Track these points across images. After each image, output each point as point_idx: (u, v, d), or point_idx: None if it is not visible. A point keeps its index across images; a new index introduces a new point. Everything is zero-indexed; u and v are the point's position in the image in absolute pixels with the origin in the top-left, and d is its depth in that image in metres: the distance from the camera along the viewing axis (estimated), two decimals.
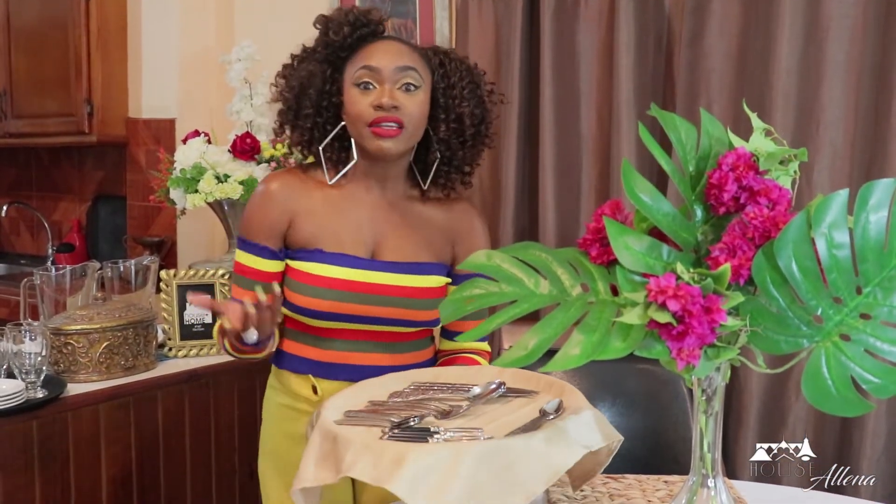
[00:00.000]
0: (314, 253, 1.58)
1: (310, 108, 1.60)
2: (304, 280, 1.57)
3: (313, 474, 1.20)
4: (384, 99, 1.52)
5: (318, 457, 1.20)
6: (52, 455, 1.90)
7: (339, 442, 1.18)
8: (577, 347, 1.01)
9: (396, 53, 1.56)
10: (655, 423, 1.96)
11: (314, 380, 1.62)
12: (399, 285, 1.58)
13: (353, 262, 1.57)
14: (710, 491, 1.12)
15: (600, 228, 1.12)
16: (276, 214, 1.59)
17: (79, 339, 2.05)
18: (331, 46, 1.58)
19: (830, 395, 0.97)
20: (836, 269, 0.98)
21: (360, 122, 1.54)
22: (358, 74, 1.55)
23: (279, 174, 1.65)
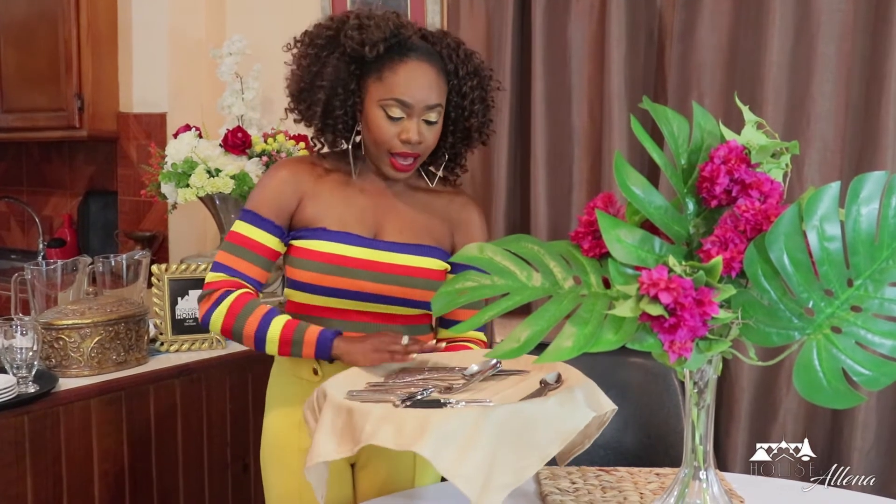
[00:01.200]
0: (318, 231, 1.62)
1: (340, 108, 1.63)
2: (308, 256, 1.60)
3: (331, 449, 1.22)
4: (413, 136, 1.59)
5: (331, 432, 1.23)
6: (44, 450, 1.90)
7: (356, 415, 1.21)
8: (569, 340, 1.01)
9: (428, 88, 1.60)
10: (647, 416, 1.97)
11: (315, 362, 1.63)
12: (400, 264, 1.62)
13: (356, 240, 1.62)
14: (701, 483, 1.13)
15: (592, 221, 1.12)
16: (287, 194, 1.64)
17: (70, 334, 2.04)
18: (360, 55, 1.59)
19: (822, 388, 0.97)
20: (827, 262, 0.99)
21: (382, 148, 1.61)
22: (388, 103, 1.59)
23: (294, 161, 1.70)
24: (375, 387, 1.41)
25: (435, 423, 1.14)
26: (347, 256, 1.60)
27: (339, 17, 1.64)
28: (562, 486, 1.54)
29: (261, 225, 1.62)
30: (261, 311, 1.57)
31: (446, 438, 1.13)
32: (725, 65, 2.29)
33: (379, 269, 1.61)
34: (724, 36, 2.29)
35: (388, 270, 1.62)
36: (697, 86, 2.32)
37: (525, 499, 1.54)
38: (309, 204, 1.64)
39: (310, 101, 1.64)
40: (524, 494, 1.55)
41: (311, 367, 1.64)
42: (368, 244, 1.62)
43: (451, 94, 1.66)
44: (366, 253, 1.61)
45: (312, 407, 1.37)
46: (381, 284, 1.61)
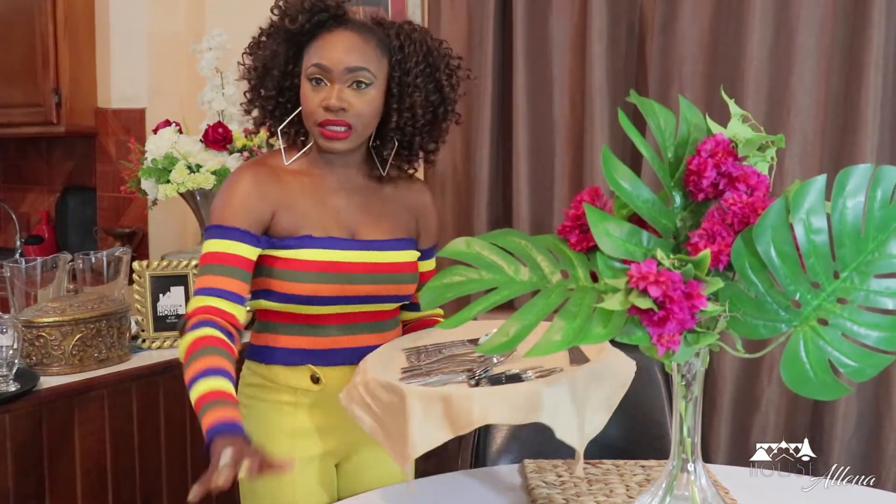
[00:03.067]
0: (304, 239, 1.56)
1: (272, 88, 1.60)
2: (300, 267, 1.54)
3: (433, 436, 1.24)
4: (332, 101, 1.53)
5: (425, 421, 1.24)
6: (26, 448, 1.88)
7: (455, 400, 1.23)
8: (558, 334, 1.01)
9: (349, 50, 1.54)
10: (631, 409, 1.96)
11: (314, 369, 1.59)
12: (384, 262, 1.61)
13: (342, 243, 1.58)
14: (689, 475, 1.13)
15: (580, 215, 1.12)
16: (258, 205, 1.55)
17: (51, 332, 2.03)
18: (289, 32, 1.57)
19: (808, 379, 0.98)
20: (814, 255, 0.99)
21: (311, 120, 1.56)
22: (310, 70, 1.55)
23: (253, 167, 1.61)
24: (411, 371, 1.42)
25: (546, 393, 1.21)
26: (343, 262, 1.56)
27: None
28: (548, 480, 1.55)
29: (238, 238, 1.53)
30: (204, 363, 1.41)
31: (556, 405, 1.21)
32: (706, 58, 2.30)
33: (367, 271, 1.59)
34: (704, 29, 2.30)
35: (375, 270, 1.59)
36: (678, 78, 2.33)
37: (512, 492, 1.54)
38: (284, 214, 1.57)
39: (252, 86, 1.63)
40: (511, 488, 1.56)
41: (308, 376, 1.59)
42: (354, 246, 1.59)
43: (394, 70, 1.59)
44: (354, 255, 1.58)
45: (361, 400, 1.36)
46: (371, 285, 1.59)
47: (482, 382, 1.33)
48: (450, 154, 2.69)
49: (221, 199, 1.57)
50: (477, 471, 1.69)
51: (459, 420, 1.21)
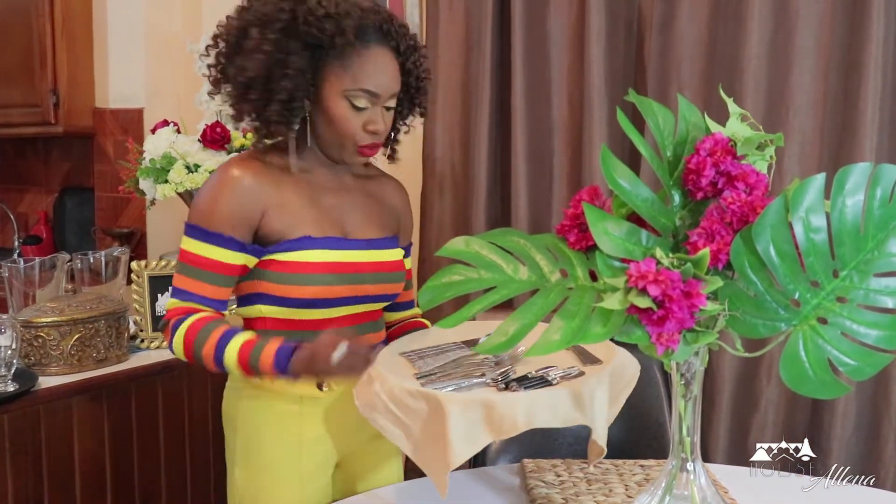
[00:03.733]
0: (303, 241, 1.51)
1: (301, 98, 1.50)
2: (305, 270, 1.50)
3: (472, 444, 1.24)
4: (381, 126, 1.53)
5: (465, 429, 1.23)
6: (24, 449, 1.88)
7: (498, 406, 1.23)
8: (557, 333, 1.01)
9: (394, 76, 1.53)
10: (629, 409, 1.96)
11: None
12: (380, 261, 1.60)
13: (339, 243, 1.55)
14: (689, 475, 1.13)
15: (578, 214, 1.12)
16: (248, 206, 1.49)
17: (49, 332, 2.02)
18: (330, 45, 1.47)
19: (808, 378, 0.98)
20: (813, 253, 0.99)
21: (349, 140, 1.52)
22: (355, 94, 1.49)
23: (242, 163, 1.53)
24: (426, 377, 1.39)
25: (586, 394, 1.24)
26: (348, 262, 1.54)
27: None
28: (547, 479, 1.55)
29: (223, 244, 1.48)
30: (216, 335, 1.44)
31: (594, 406, 1.25)
32: (705, 57, 2.30)
33: (367, 270, 1.56)
34: (703, 28, 2.30)
35: (372, 269, 1.58)
36: (677, 78, 2.33)
37: (510, 492, 1.54)
38: (276, 214, 1.51)
39: (271, 89, 1.48)
40: (510, 488, 1.56)
41: (313, 383, 1.54)
42: (348, 245, 1.56)
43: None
44: (349, 255, 1.55)
45: (385, 408, 1.32)
46: (370, 285, 1.57)
47: (511, 385, 1.31)
48: (448, 154, 2.69)
49: (208, 198, 1.50)
50: (476, 471, 1.69)
51: (504, 425, 1.21)
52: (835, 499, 1.49)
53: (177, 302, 1.50)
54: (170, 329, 1.48)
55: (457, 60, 2.64)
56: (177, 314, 1.48)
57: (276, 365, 1.41)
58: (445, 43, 2.65)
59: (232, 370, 1.45)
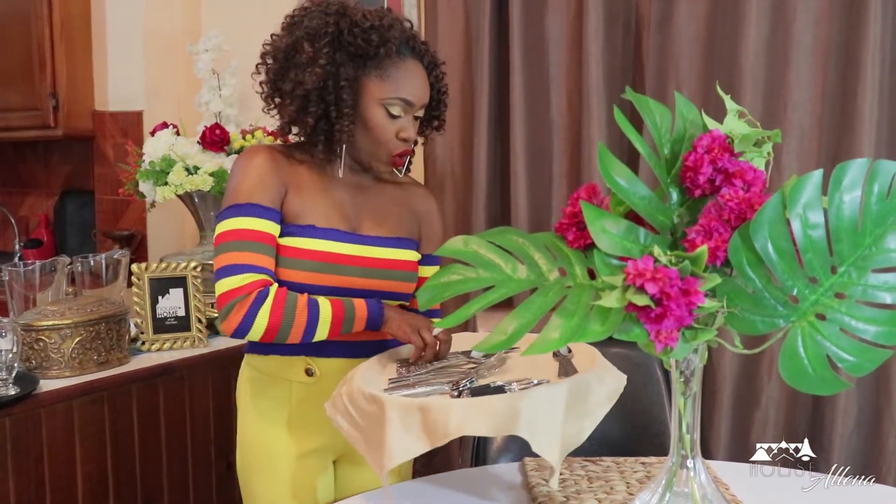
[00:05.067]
0: (307, 228, 1.58)
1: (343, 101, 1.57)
2: (300, 255, 1.56)
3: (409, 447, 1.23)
4: (413, 134, 1.62)
5: (403, 431, 1.23)
6: (26, 452, 1.88)
7: (434, 410, 1.22)
8: (556, 331, 1.01)
9: (425, 86, 1.63)
10: (630, 406, 1.97)
11: (309, 360, 1.61)
12: (385, 258, 1.63)
13: (343, 235, 1.60)
14: (689, 472, 1.13)
15: (577, 213, 1.12)
16: (276, 180, 1.58)
17: (50, 335, 2.03)
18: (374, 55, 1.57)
19: (807, 375, 0.98)
20: (811, 250, 0.99)
21: (384, 148, 1.61)
22: (392, 102, 1.58)
23: (265, 147, 1.62)
24: (397, 382, 1.42)
25: (524, 405, 1.19)
26: (337, 253, 1.58)
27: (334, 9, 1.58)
28: (548, 477, 1.55)
29: (256, 213, 1.53)
30: (303, 299, 1.51)
31: (535, 418, 1.20)
32: (703, 54, 2.30)
33: (365, 264, 1.61)
34: (700, 25, 2.30)
35: (372, 265, 1.61)
36: (675, 76, 2.33)
37: (512, 490, 1.54)
38: (294, 195, 1.60)
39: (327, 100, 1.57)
40: (512, 487, 1.56)
41: (303, 368, 1.62)
42: (354, 239, 1.61)
43: None
44: (353, 248, 1.60)
45: (344, 410, 1.35)
46: (367, 279, 1.61)
47: (464, 394, 1.32)
48: (448, 153, 2.69)
49: (241, 178, 1.57)
50: (477, 469, 1.69)
51: (437, 431, 1.21)
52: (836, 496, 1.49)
53: (240, 278, 1.48)
54: (249, 303, 1.46)
55: (455, 59, 2.64)
56: (256, 287, 1.48)
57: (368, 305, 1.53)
58: (444, 42, 2.65)
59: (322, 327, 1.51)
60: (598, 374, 1.31)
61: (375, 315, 1.54)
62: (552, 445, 1.19)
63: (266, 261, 1.52)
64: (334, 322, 1.52)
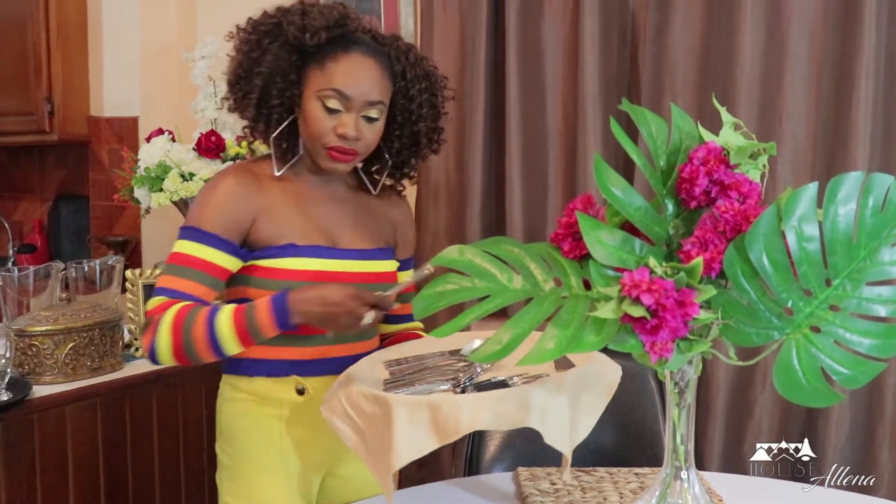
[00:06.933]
0: (287, 248, 1.54)
1: (276, 97, 1.57)
2: (284, 277, 1.52)
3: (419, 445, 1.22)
4: (350, 131, 1.53)
5: (411, 430, 1.22)
6: (18, 458, 1.87)
7: (443, 407, 1.21)
8: (551, 342, 1.01)
9: (372, 82, 1.55)
10: (624, 416, 1.98)
11: (300, 380, 1.57)
12: (367, 271, 1.60)
13: (324, 251, 1.57)
14: (683, 483, 1.13)
15: (572, 223, 1.12)
16: (240, 211, 1.53)
17: (43, 341, 2.02)
18: (302, 46, 1.55)
19: (801, 387, 0.98)
20: (806, 262, 1.00)
21: (319, 142, 1.55)
22: (327, 94, 1.53)
23: (236, 172, 1.59)
24: (394, 382, 1.41)
25: (535, 398, 1.20)
26: (319, 271, 1.55)
27: (284, 7, 1.60)
28: (542, 488, 1.55)
29: (208, 242, 1.50)
30: (203, 312, 1.43)
31: (545, 410, 1.20)
32: (698, 66, 2.31)
33: (348, 280, 1.56)
34: (696, 37, 2.31)
35: (355, 279, 1.57)
36: (671, 87, 2.33)
37: (506, 500, 1.54)
38: (265, 221, 1.55)
39: (246, 89, 1.58)
40: (505, 496, 1.56)
41: (293, 388, 1.57)
42: (335, 254, 1.58)
43: (397, 96, 1.62)
44: (334, 264, 1.57)
45: (343, 412, 1.33)
46: None
47: (468, 390, 1.33)
48: (443, 162, 2.69)
49: (202, 202, 1.54)
50: (470, 479, 1.69)
51: (448, 428, 1.20)
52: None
53: (161, 298, 1.47)
54: (153, 325, 1.43)
55: (451, 68, 2.64)
56: (162, 309, 1.45)
57: (273, 310, 1.43)
58: (439, 50, 2.65)
59: (226, 342, 1.43)
60: (596, 366, 1.32)
61: (279, 306, 1.43)
62: (563, 436, 1.21)
63: (197, 289, 1.48)
64: (238, 329, 1.43)
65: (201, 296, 1.49)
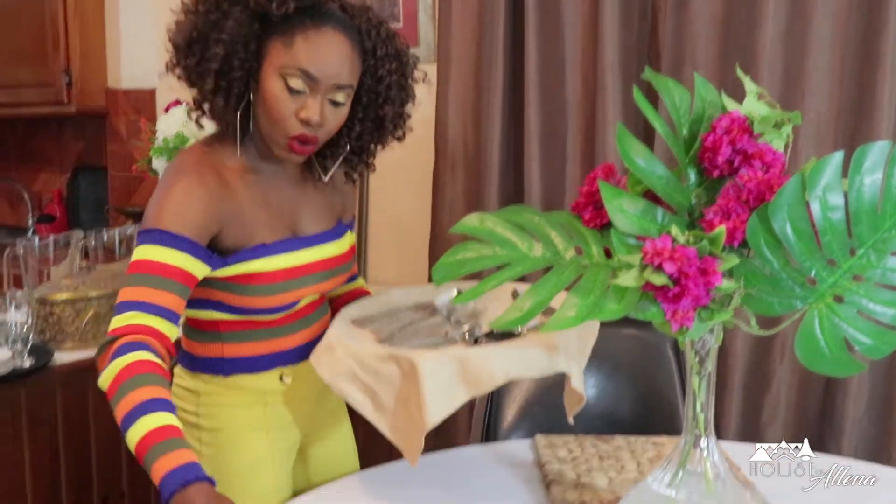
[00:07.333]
0: (257, 249, 1.42)
1: (238, 69, 1.37)
2: (261, 280, 1.42)
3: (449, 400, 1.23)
4: (314, 115, 1.37)
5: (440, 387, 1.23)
6: (41, 422, 1.90)
7: (471, 361, 1.23)
8: (572, 309, 1.01)
9: (341, 63, 1.38)
10: (641, 388, 1.98)
11: (283, 370, 1.52)
12: (329, 256, 1.53)
13: (292, 244, 1.47)
14: (702, 451, 1.14)
15: (593, 192, 1.12)
16: (208, 216, 1.36)
17: (64, 309, 2.04)
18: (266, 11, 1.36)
19: (823, 356, 0.98)
20: (830, 232, 0.99)
21: (279, 127, 1.38)
22: (290, 72, 1.35)
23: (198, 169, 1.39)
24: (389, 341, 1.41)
25: (560, 343, 1.24)
26: (289, 268, 1.45)
27: None
28: (559, 455, 1.55)
29: (179, 246, 1.32)
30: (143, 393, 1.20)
31: (569, 354, 1.26)
32: (720, 37, 2.29)
33: (326, 267, 1.51)
34: (718, 8, 2.28)
35: (330, 265, 1.52)
36: (692, 58, 2.31)
37: (523, 467, 1.55)
38: (234, 226, 1.40)
39: (202, 55, 1.37)
40: (522, 463, 1.56)
41: (276, 377, 1.51)
42: (301, 244, 1.48)
43: (364, 76, 1.45)
44: (302, 256, 1.47)
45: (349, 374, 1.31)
46: (330, 280, 1.53)
47: (481, 341, 1.32)
48: (461, 134, 2.69)
49: (164, 203, 1.35)
50: (487, 445, 1.70)
51: (480, 379, 1.21)
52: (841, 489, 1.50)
53: (129, 316, 1.28)
54: (110, 354, 1.24)
55: (469, 39, 2.63)
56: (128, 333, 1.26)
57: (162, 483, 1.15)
58: (458, 22, 2.63)
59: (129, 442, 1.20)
60: None
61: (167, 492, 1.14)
62: (580, 378, 1.30)
63: (164, 298, 1.29)
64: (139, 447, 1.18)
65: (174, 308, 1.31)
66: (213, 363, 1.49)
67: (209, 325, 1.48)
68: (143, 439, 1.17)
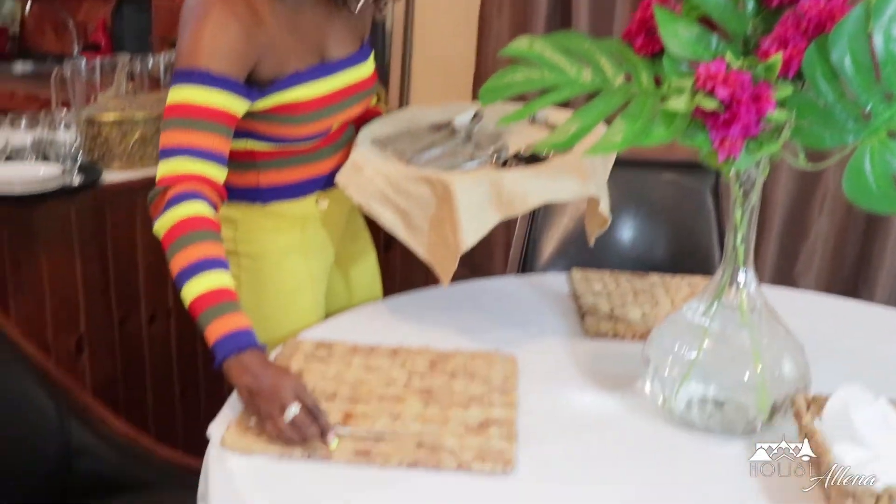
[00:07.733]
0: (292, 78, 1.39)
1: None
2: (299, 110, 1.41)
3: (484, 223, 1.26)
4: None
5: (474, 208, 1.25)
6: (91, 238, 1.94)
7: (504, 183, 1.26)
8: (619, 134, 1.01)
9: None
10: (678, 231, 1.98)
11: (319, 194, 1.53)
12: (356, 81, 1.51)
13: (322, 71, 1.44)
14: (739, 284, 1.15)
15: (647, 19, 1.09)
16: (247, 53, 1.33)
17: (112, 129, 2.06)
18: None
19: (870, 191, 0.98)
20: (891, 64, 0.96)
21: None
22: None
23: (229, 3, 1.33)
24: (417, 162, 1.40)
25: (588, 169, 1.27)
26: (333, 92, 1.44)
27: None
28: (595, 289, 1.58)
29: (224, 86, 1.28)
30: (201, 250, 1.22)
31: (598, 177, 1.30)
32: None
33: (357, 91, 1.49)
34: None
35: (361, 88, 1.51)
36: None
37: (558, 299, 1.58)
38: (268, 56, 1.36)
39: None
40: (557, 295, 1.59)
41: (313, 202, 1.52)
42: (330, 70, 1.45)
43: None
44: (332, 83, 1.45)
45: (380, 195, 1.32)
46: (361, 103, 1.53)
47: (510, 163, 1.33)
48: None
49: (200, 37, 1.30)
50: (523, 277, 1.73)
51: (514, 200, 1.22)
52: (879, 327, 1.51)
53: (180, 162, 1.26)
54: (164, 203, 1.24)
55: None
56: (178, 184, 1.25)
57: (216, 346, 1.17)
58: None
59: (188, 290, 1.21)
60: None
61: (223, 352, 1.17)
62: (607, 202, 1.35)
63: (212, 141, 1.27)
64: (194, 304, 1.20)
65: (222, 150, 1.30)
66: (251, 192, 1.49)
67: (244, 156, 1.46)
68: (199, 299, 1.19)
